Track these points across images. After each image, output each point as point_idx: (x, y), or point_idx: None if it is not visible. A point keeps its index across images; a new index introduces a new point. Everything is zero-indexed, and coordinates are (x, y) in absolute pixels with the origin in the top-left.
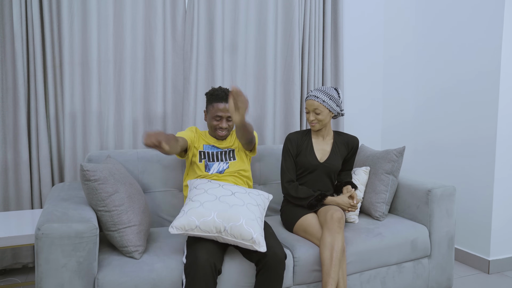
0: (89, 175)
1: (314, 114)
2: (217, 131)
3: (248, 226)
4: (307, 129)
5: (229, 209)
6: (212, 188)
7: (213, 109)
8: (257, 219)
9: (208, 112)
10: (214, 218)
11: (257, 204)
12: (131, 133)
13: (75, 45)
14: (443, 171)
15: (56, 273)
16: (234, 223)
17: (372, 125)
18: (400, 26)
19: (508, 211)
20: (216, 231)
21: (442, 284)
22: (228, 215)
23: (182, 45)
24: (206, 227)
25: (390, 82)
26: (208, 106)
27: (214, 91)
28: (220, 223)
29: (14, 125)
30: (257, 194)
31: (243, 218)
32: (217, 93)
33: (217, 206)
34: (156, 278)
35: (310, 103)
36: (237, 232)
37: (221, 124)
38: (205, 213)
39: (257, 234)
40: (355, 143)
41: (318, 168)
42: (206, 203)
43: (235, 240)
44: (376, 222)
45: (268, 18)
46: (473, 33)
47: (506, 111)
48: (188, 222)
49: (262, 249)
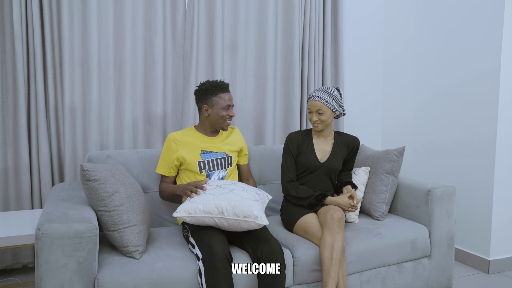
0: (89, 175)
1: (317, 114)
2: (226, 121)
3: (248, 205)
4: (308, 129)
5: (230, 193)
6: (210, 189)
7: (221, 100)
8: (257, 201)
9: (214, 105)
10: (216, 199)
11: (256, 200)
12: (131, 133)
13: (75, 45)
14: (443, 171)
15: (56, 273)
16: (235, 202)
17: (372, 125)
18: (400, 26)
19: (508, 211)
20: (219, 212)
21: (442, 284)
22: (229, 196)
23: (182, 45)
24: (208, 208)
25: (390, 82)
26: (211, 98)
27: (215, 83)
28: (221, 203)
29: (14, 125)
30: (257, 192)
31: (243, 198)
32: (220, 84)
33: (219, 191)
34: (156, 278)
35: (313, 103)
36: (239, 210)
37: (231, 113)
38: (208, 197)
39: (258, 209)
40: (356, 144)
41: (319, 168)
42: (209, 190)
43: (237, 219)
44: (376, 222)
45: (268, 18)
46: (473, 33)
47: (506, 111)
48: (191, 205)
49: (264, 222)
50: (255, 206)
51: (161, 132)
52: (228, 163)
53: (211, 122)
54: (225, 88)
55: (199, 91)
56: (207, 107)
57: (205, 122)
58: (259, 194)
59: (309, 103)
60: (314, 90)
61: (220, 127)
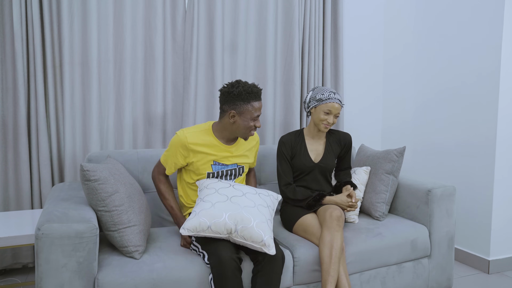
0: (89, 175)
1: (334, 118)
2: (251, 132)
3: (258, 229)
4: (299, 130)
5: (241, 210)
6: (223, 188)
7: (253, 109)
8: (267, 221)
9: (243, 113)
10: (226, 220)
11: (267, 206)
12: (131, 133)
13: (75, 45)
14: (443, 171)
15: (56, 273)
16: (245, 225)
17: (372, 125)
18: (400, 26)
19: (508, 211)
20: (227, 233)
21: (442, 284)
22: (240, 217)
23: (182, 45)
24: (217, 229)
25: (390, 82)
26: (241, 105)
27: (250, 89)
28: (231, 225)
29: (14, 125)
30: (267, 195)
31: (254, 220)
32: (255, 90)
33: (228, 207)
34: (156, 278)
35: (335, 106)
36: (248, 234)
37: (258, 124)
38: (217, 214)
39: (267, 236)
40: (348, 140)
41: (314, 169)
42: (218, 203)
43: (245, 242)
44: (376, 222)
45: (268, 18)
46: (473, 33)
47: (506, 112)
48: (199, 223)
49: (272, 252)
50: (266, 230)
51: (161, 132)
52: (239, 173)
53: (234, 130)
54: (259, 95)
55: (230, 94)
56: (234, 113)
57: (227, 128)
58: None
59: (329, 104)
60: (331, 92)
61: (242, 137)
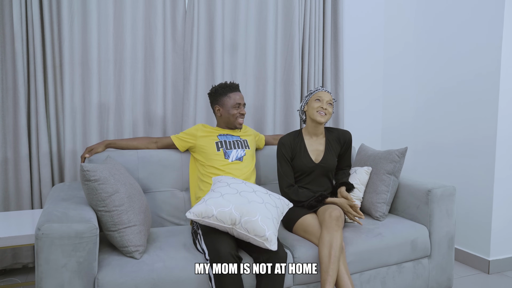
0: (89, 175)
1: (328, 105)
2: (238, 119)
3: (263, 223)
4: (297, 130)
5: (248, 204)
6: (235, 183)
7: (231, 99)
8: (273, 219)
9: (224, 104)
10: (232, 210)
11: (276, 206)
12: (131, 133)
13: (75, 45)
14: (443, 171)
15: (56, 273)
16: (249, 217)
17: (372, 125)
18: (400, 26)
19: (508, 211)
20: (231, 223)
21: (442, 284)
22: (246, 209)
23: (182, 45)
24: (222, 217)
25: (390, 82)
26: (221, 99)
27: (225, 84)
28: (236, 216)
29: (14, 125)
30: (279, 198)
31: (259, 214)
32: (231, 85)
33: (236, 200)
34: (156, 278)
35: (325, 94)
36: (251, 227)
37: (242, 111)
38: (224, 204)
39: (271, 232)
40: (347, 137)
41: (315, 169)
42: (227, 195)
43: (248, 235)
44: (376, 222)
45: (268, 18)
46: (473, 33)
47: (506, 111)
48: (206, 209)
49: (273, 248)
50: (270, 226)
51: (161, 132)
52: (245, 145)
53: (224, 121)
54: (234, 87)
55: (211, 94)
56: (218, 107)
57: (220, 121)
58: (278, 207)
59: (319, 93)
60: (319, 86)
61: (233, 125)
